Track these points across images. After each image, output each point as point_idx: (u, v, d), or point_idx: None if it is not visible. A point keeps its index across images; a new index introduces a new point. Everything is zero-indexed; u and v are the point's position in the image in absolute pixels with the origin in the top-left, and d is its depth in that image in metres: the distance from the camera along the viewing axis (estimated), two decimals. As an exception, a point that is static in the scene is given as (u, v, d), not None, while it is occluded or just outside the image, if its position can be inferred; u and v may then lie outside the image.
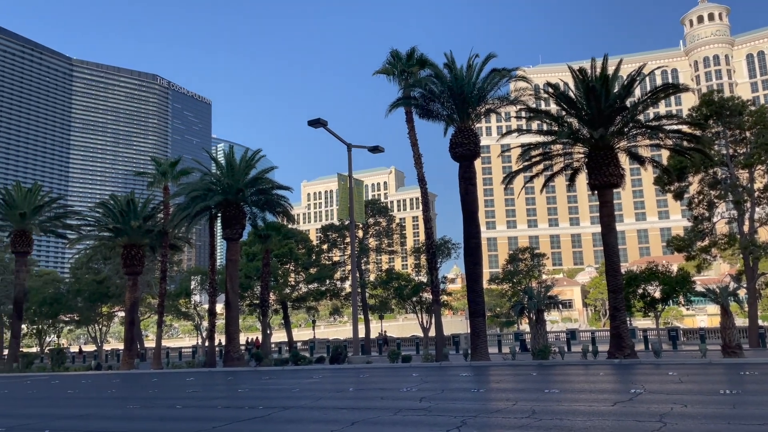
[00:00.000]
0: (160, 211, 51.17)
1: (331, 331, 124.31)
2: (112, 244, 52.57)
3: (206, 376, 33.63)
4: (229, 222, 42.96)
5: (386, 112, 37.08)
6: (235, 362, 40.86)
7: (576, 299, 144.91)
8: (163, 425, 14.94)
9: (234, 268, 43.39)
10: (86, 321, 79.35)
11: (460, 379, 23.98)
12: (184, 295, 73.37)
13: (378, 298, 66.17)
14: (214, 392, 24.10)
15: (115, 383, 31.28)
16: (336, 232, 68.02)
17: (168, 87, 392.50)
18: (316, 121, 36.74)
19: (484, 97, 35.56)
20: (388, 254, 74.34)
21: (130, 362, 46.36)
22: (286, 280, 65.24)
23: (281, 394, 21.03)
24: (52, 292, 76.49)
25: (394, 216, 73.84)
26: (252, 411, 16.32)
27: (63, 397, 24.69)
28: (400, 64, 38.00)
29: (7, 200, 54.88)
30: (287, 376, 29.37)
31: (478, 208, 35.81)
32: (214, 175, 46.22)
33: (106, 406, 20.48)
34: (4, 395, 27.18)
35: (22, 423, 16.32)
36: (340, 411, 15.69)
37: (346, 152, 39.36)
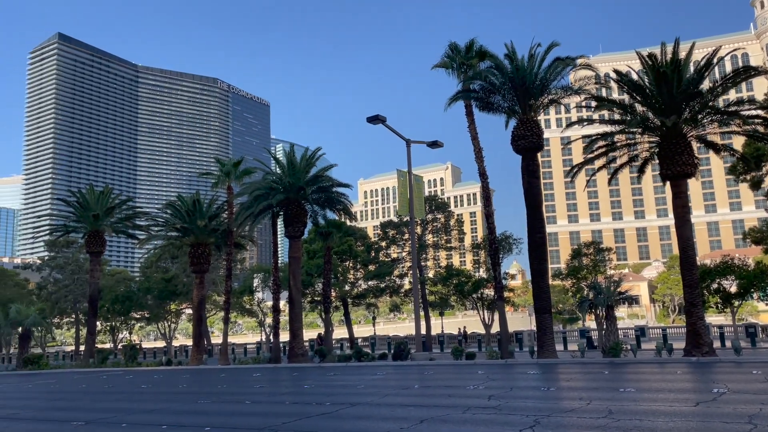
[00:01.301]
0: (224, 211, 52.37)
1: (391, 328, 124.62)
2: (179, 243, 54.24)
3: (272, 372, 34.14)
4: (290, 220, 43.50)
5: (445, 106, 36.64)
6: (299, 358, 41.35)
7: (643, 295, 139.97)
8: (233, 420, 15.12)
9: (296, 265, 43.92)
10: (156, 318, 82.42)
11: (528, 377, 23.37)
12: (248, 292, 75.11)
13: (438, 294, 65.73)
14: (281, 388, 24.36)
15: (185, 378, 32.15)
16: (394, 228, 68.00)
17: (228, 90, 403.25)
18: (374, 117, 36.70)
19: (547, 87, 34.56)
20: (447, 250, 73.78)
21: (198, 358, 47.65)
22: (346, 277, 65.72)
23: (347, 390, 21.01)
24: (123, 290, 79.80)
25: (452, 212, 73.15)
26: (319, 407, 16.32)
27: (137, 391, 25.51)
28: (458, 56, 37.40)
29: (81, 203, 57.40)
30: (351, 373, 29.43)
31: (542, 201, 34.91)
32: (275, 174, 46.93)
33: (178, 400, 20.98)
34: (82, 390, 28.35)
35: (100, 417, 16.88)
36: (408, 408, 15.48)
37: (404, 149, 39.20)
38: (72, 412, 18.65)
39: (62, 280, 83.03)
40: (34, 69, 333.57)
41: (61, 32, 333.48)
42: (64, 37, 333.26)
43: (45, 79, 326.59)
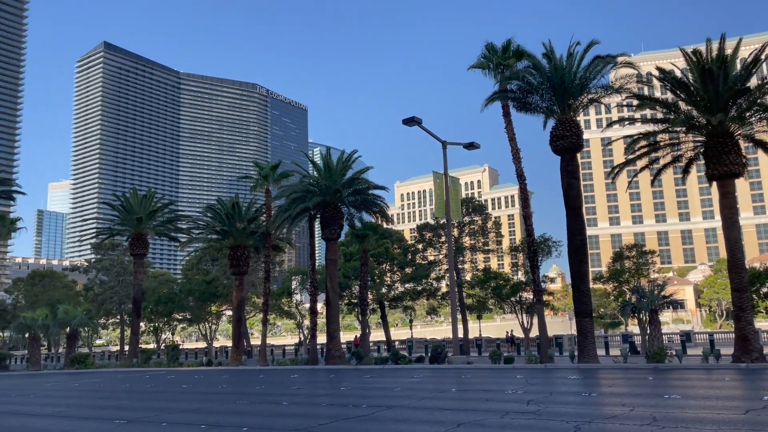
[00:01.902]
0: (262, 214, 53.02)
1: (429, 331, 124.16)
2: (219, 245, 55.13)
3: (309, 374, 34.32)
4: (327, 222, 43.73)
5: (482, 107, 36.30)
6: (337, 360, 41.48)
7: (688, 299, 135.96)
8: (270, 421, 15.20)
9: (333, 267, 44.10)
10: (197, 319, 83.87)
11: (568, 382, 22.89)
12: (286, 294, 75.77)
13: (475, 297, 65.14)
14: (318, 390, 24.45)
15: (224, 379, 32.59)
16: (431, 231, 67.71)
17: (267, 95, 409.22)
18: (410, 119, 36.58)
19: (586, 86, 33.91)
20: (485, 253, 73.05)
21: (237, 359, 48.29)
22: (383, 279, 65.72)
23: (383, 393, 20.94)
24: (166, 291, 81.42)
25: (490, 214, 72.43)
26: (356, 409, 16.29)
27: (178, 391, 25.95)
28: (495, 57, 37.03)
29: (125, 206, 58.91)
30: (388, 375, 29.35)
31: (582, 203, 34.24)
32: (312, 177, 47.28)
33: (217, 401, 21.25)
34: (125, 389, 29.00)
35: (141, 416, 17.21)
36: (445, 412, 15.32)
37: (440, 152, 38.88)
38: (115, 411, 19.08)
39: (108, 281, 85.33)
40: (82, 77, 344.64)
41: (107, 41, 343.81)
42: (110, 46, 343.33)
43: (92, 86, 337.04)
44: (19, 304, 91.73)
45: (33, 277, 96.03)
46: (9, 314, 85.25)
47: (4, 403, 23.87)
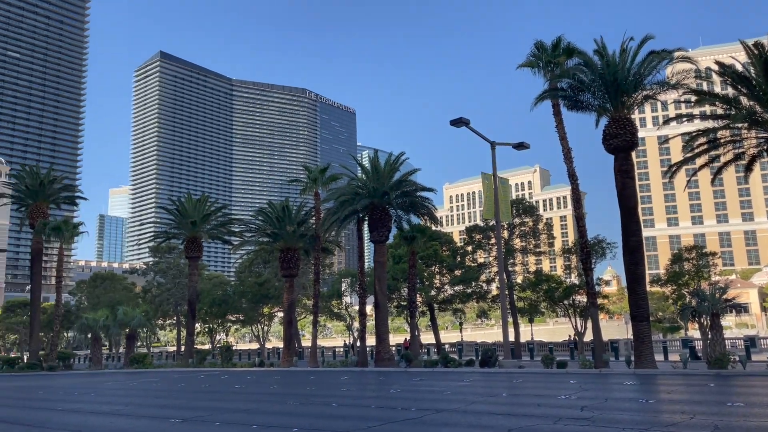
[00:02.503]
0: (311, 216, 53.62)
1: (479, 334, 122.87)
2: (270, 248, 56.04)
3: (359, 376, 34.43)
4: (375, 225, 43.84)
5: (531, 106, 35.67)
6: (386, 362, 41.49)
7: (753, 303, 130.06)
8: (320, 422, 15.28)
9: (381, 270, 44.16)
10: (250, 320, 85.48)
11: (624, 388, 22.19)
12: (336, 296, 76.37)
13: (527, 300, 64.05)
14: (367, 392, 24.48)
15: (276, 380, 33.04)
16: (481, 233, 66.95)
17: (316, 99, 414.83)
18: (458, 120, 36.32)
19: (641, 82, 32.83)
20: (536, 255, 71.73)
21: (289, 360, 48.92)
22: (432, 281, 65.38)
23: (433, 396, 20.78)
24: (220, 293, 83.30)
25: (541, 215, 71.11)
26: (405, 412, 16.20)
27: (231, 391, 26.45)
28: (545, 55, 36.33)
29: (180, 210, 60.61)
30: (437, 378, 29.14)
31: (637, 203, 33.18)
32: (360, 179, 47.52)
33: (269, 401, 21.53)
34: (181, 388, 29.76)
35: (195, 415, 17.60)
36: (495, 417, 15.05)
37: (489, 152, 38.48)
38: (170, 410, 19.57)
39: (165, 283, 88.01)
40: (139, 86, 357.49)
41: (162, 50, 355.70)
42: (166, 55, 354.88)
43: (149, 95, 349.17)
44: (82, 306, 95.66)
45: (95, 279, 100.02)
46: (73, 315, 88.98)
47: (67, 401, 24.85)
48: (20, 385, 37.13)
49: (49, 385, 35.77)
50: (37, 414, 19.95)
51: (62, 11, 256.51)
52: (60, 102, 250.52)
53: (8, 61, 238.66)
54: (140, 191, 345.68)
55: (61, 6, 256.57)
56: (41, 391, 30.85)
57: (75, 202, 78.28)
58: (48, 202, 65.71)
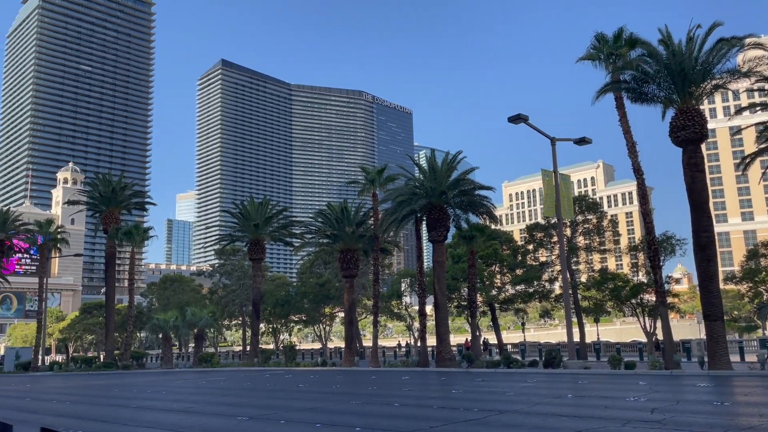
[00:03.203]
0: (370, 217, 53.98)
1: (542, 334, 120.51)
2: (330, 249, 56.83)
3: (420, 376, 34.42)
4: (433, 224, 43.69)
5: (593, 100, 34.69)
6: (447, 363, 41.29)
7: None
8: (381, 422, 15.36)
9: (441, 269, 43.97)
10: (312, 320, 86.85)
11: (697, 390, 21.28)
12: (396, 296, 76.56)
13: (592, 300, 62.34)
14: (429, 392, 24.43)
15: (338, 379, 33.44)
16: (542, 231, 65.57)
17: (372, 101, 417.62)
18: (516, 117, 35.77)
19: (709, 71, 31.39)
20: (601, 253, 69.65)
21: (350, 360, 49.41)
22: (492, 281, 64.56)
23: (495, 397, 20.54)
24: (283, 294, 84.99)
25: (605, 212, 69.00)
26: (467, 413, 16.08)
27: (295, 390, 26.94)
28: (606, 47, 35.27)
29: (243, 214, 62.26)
30: (500, 379, 28.77)
31: (708, 197, 31.74)
32: (417, 179, 47.47)
33: (332, 400, 21.82)
34: (247, 387, 30.55)
35: (262, 413, 18.03)
36: (560, 418, 14.73)
37: (549, 150, 37.72)
38: (238, 408, 20.11)
39: (230, 285, 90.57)
40: (202, 94, 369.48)
41: (224, 59, 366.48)
42: (227, 63, 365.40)
43: (211, 102, 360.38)
44: (153, 307, 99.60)
45: (164, 281, 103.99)
46: (144, 316, 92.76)
47: (141, 398, 25.94)
48: (97, 383, 39.03)
49: (124, 383, 37.45)
50: (114, 411, 20.92)
51: (129, 25, 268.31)
52: (129, 112, 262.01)
53: (81, 75, 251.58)
54: (205, 196, 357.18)
55: (129, 20, 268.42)
56: (116, 389, 32.32)
57: (145, 207, 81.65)
58: (120, 208, 68.78)
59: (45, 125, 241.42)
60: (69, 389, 33.67)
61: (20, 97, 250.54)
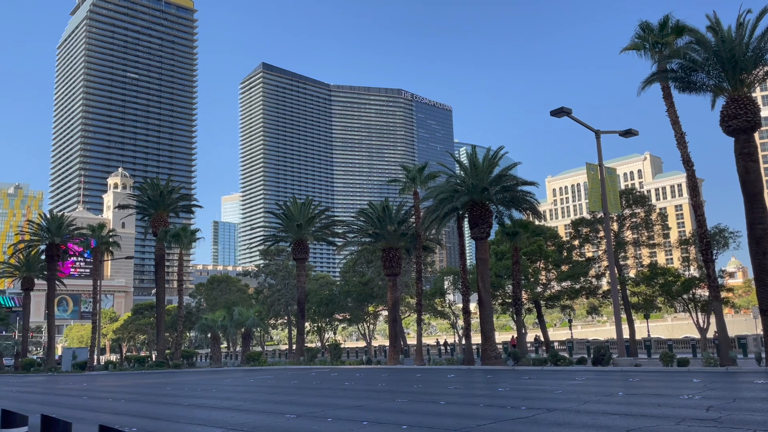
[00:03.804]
0: (411, 215, 53.97)
1: (590, 331, 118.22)
2: (372, 248, 57.09)
3: (465, 374, 34.25)
4: (475, 221, 43.36)
5: (638, 90, 33.89)
6: (493, 361, 40.95)
7: None
8: (429, 420, 15.35)
9: (484, 267, 43.62)
10: (356, 319, 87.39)
11: (755, 387, 20.54)
12: (439, 294, 76.34)
13: (641, 295, 60.81)
14: (475, 390, 24.28)
15: (383, 377, 33.57)
16: (588, 226, 64.27)
17: (411, 99, 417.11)
18: (559, 110, 35.14)
19: (761, 57, 30.22)
20: (649, 248, 67.85)
21: (395, 358, 49.53)
22: (537, 278, 63.67)
23: (543, 395, 20.27)
24: (326, 293, 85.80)
25: (653, 205, 67.15)
26: (515, 411, 15.93)
27: (341, 388, 27.17)
28: (651, 35, 34.33)
29: (286, 214, 63.11)
30: (547, 377, 28.39)
31: (763, 188, 30.56)
32: (458, 176, 47.19)
33: (377, 398, 21.91)
34: (294, 385, 30.95)
35: (308, 411, 18.24)
36: (611, 417, 14.43)
37: (592, 143, 36.95)
38: (285, 406, 20.42)
39: (275, 285, 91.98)
40: (244, 97, 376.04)
41: (264, 62, 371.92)
42: (268, 66, 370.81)
43: (253, 105, 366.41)
44: (201, 307, 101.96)
45: (212, 282, 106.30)
46: (193, 316, 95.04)
47: (192, 396, 26.59)
48: (150, 382, 40.19)
49: (175, 381, 38.45)
50: (167, 409, 21.51)
51: (173, 32, 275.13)
52: (174, 117, 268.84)
53: (128, 83, 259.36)
54: (249, 197, 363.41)
55: (172, 27, 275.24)
56: (169, 387, 33.21)
57: (191, 210, 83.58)
58: (168, 211, 70.63)
59: (95, 132, 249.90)
60: (123, 388, 34.79)
61: (71, 106, 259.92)
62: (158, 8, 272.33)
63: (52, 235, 72.32)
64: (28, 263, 77.03)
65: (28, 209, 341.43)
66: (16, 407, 17.18)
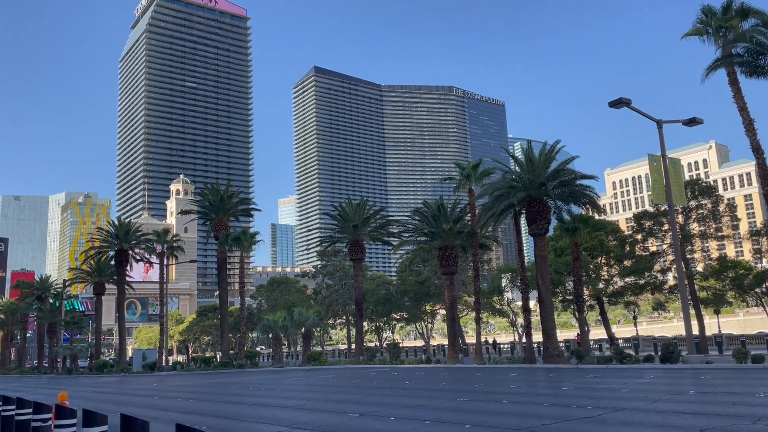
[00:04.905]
0: (466, 213, 53.56)
1: (656, 328, 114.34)
2: (428, 246, 56.98)
3: (527, 373, 33.77)
4: (533, 217, 42.63)
5: (702, 77, 32.55)
6: (555, 359, 40.20)
7: None
8: (492, 419, 15.24)
9: (543, 264, 42.83)
10: (413, 318, 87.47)
11: (839, 386, 19.41)
12: (497, 292, 75.50)
13: (710, 290, 58.41)
14: (538, 389, 23.92)
15: (443, 376, 33.48)
16: (651, 219, 62.15)
17: (463, 95, 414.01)
18: (617, 101, 34.15)
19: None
20: (718, 240, 65.04)
21: (454, 357, 49.30)
22: (599, 274, 62.04)
23: (609, 393, 19.78)
24: (383, 293, 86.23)
25: (721, 196, 64.32)
26: (580, 410, 15.61)
27: (401, 387, 27.27)
28: (714, 20, 32.92)
29: (342, 215, 63.79)
30: (613, 375, 27.67)
31: (842, 174, 28.86)
32: (514, 172, 46.53)
33: (438, 397, 21.89)
34: (354, 384, 31.28)
35: (370, 410, 18.40)
36: (683, 416, 13.96)
37: (652, 134, 35.75)
38: (347, 405, 20.67)
39: (333, 285, 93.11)
40: (298, 101, 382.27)
41: (316, 65, 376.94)
42: (320, 70, 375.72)
43: (306, 108, 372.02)
44: (262, 308, 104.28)
45: (271, 283, 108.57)
46: (255, 317, 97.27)
47: (257, 396, 27.25)
48: (216, 381, 41.43)
49: (240, 381, 39.48)
50: (234, 408, 22.13)
51: (227, 40, 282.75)
52: (231, 123, 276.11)
53: (187, 92, 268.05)
54: (305, 200, 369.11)
55: (227, 36, 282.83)
56: (234, 386, 34.15)
57: (250, 213, 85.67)
58: (228, 215, 72.56)
59: (157, 141, 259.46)
60: (191, 387, 35.98)
61: (134, 116, 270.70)
62: (213, 18, 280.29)
63: (120, 242, 75.49)
64: (99, 269, 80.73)
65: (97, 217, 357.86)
66: (94, 407, 18.03)
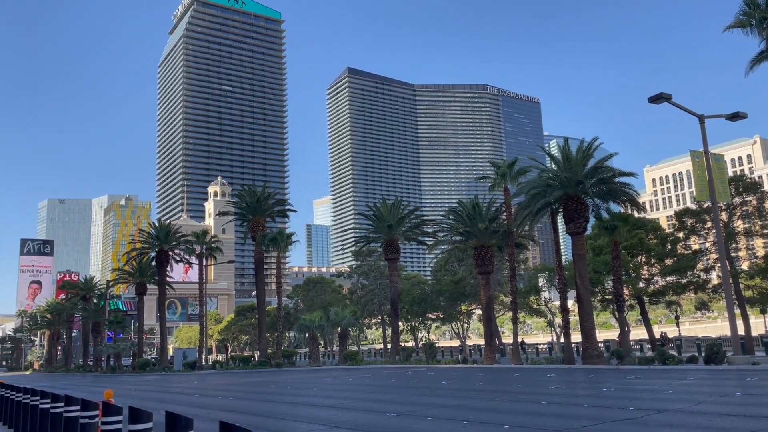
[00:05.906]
0: (502, 212, 53.09)
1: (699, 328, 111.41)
2: (463, 246, 56.64)
3: (566, 373, 33.32)
4: (571, 216, 42.03)
5: (746, 70, 31.67)
6: (594, 359, 39.57)
7: None
8: (530, 420, 15.10)
9: (581, 263, 42.20)
10: (449, 318, 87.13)
11: None
12: (534, 292, 74.63)
13: (756, 289, 56.62)
14: (577, 390, 23.59)
15: (480, 377, 33.29)
16: (693, 216, 60.56)
17: (497, 94, 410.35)
18: (657, 96, 33.42)
19: None
20: (764, 238, 63.02)
21: (491, 357, 48.94)
22: (639, 273, 60.76)
23: (651, 395, 19.38)
24: (418, 293, 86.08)
25: (766, 192, 62.31)
26: (621, 412, 15.35)
27: (438, 387, 27.23)
28: (758, 11, 31.92)
29: (376, 215, 63.99)
30: (655, 376, 27.10)
31: None
32: (550, 170, 45.93)
33: (476, 398, 21.79)
34: (391, 384, 31.36)
35: (408, 410, 18.43)
36: (729, 418, 13.60)
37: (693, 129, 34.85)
38: (385, 404, 20.74)
39: (368, 285, 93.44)
40: (331, 102, 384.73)
41: (350, 66, 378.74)
42: (353, 71, 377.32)
43: (340, 109, 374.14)
44: (298, 308, 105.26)
45: (308, 283, 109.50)
46: (292, 317, 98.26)
47: (295, 395, 27.55)
48: (254, 380, 42.03)
49: (278, 380, 39.96)
50: (272, 407, 22.44)
51: (262, 44, 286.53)
52: (266, 125, 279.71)
53: (223, 95, 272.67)
54: (339, 200, 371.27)
55: (261, 39, 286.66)
56: (272, 385, 34.59)
57: (286, 214, 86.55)
58: (265, 217, 73.50)
59: (195, 144, 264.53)
60: (231, 386, 36.59)
61: (173, 119, 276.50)
62: (248, 22, 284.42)
63: (160, 243, 77.19)
64: (141, 269, 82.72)
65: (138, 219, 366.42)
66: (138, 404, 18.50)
